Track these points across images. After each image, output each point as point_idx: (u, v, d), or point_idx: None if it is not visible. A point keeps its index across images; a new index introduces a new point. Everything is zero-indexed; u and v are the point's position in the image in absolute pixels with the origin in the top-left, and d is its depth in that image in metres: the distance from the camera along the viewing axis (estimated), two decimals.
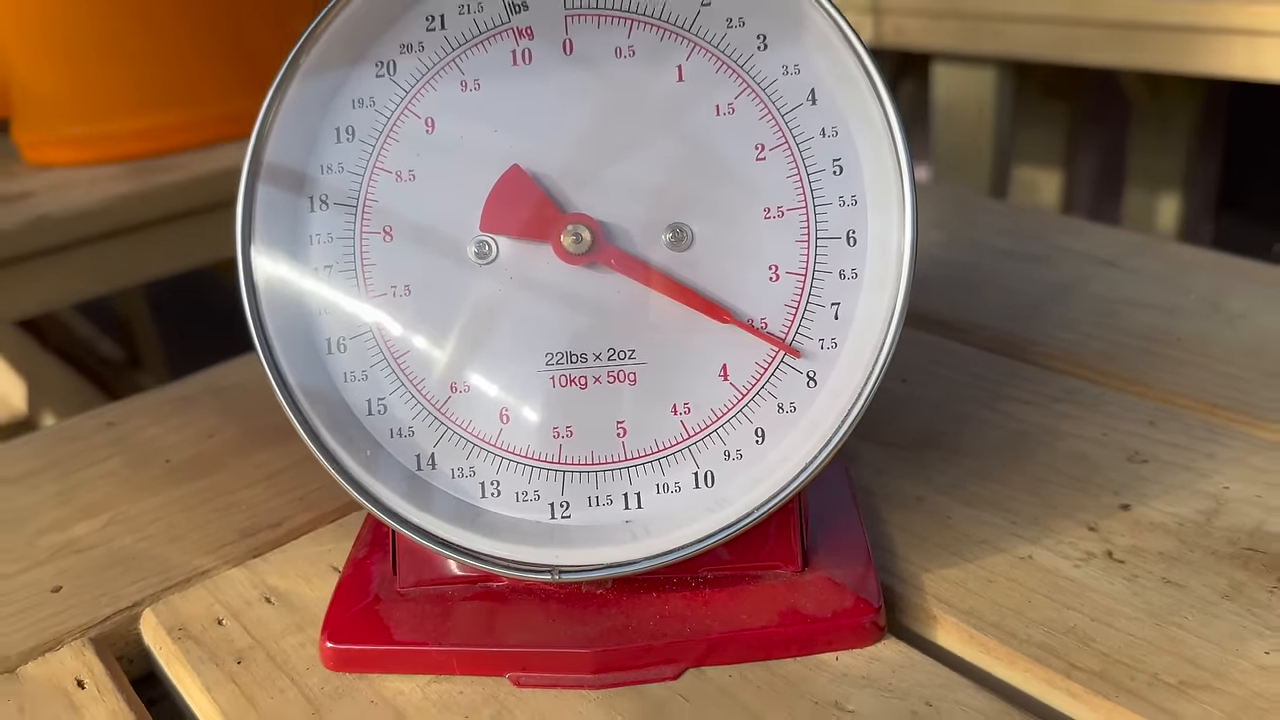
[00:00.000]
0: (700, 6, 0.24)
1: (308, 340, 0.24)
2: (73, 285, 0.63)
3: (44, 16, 0.66)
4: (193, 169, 0.66)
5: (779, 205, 0.24)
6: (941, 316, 0.38)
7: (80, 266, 0.62)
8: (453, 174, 0.24)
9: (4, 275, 0.61)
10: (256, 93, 0.69)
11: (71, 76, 0.68)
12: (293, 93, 0.24)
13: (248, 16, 0.71)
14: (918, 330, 0.37)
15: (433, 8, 0.24)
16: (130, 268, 0.64)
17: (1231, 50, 0.85)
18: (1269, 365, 0.33)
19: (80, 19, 0.66)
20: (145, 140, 0.69)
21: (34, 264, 0.61)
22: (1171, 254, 0.41)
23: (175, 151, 0.70)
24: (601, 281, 0.24)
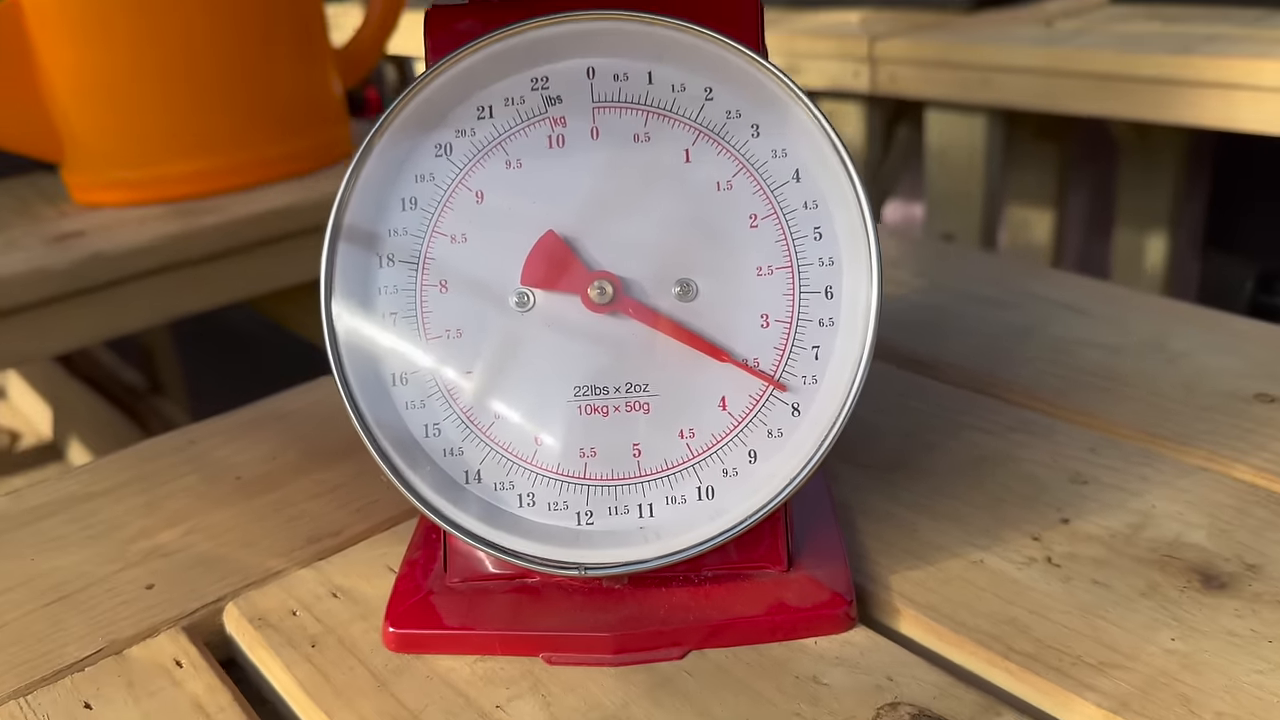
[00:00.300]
0: (704, 101, 0.29)
1: (376, 375, 0.29)
2: (121, 319, 0.68)
3: (96, 72, 0.72)
4: (231, 211, 0.71)
5: (769, 264, 0.29)
6: (916, 354, 0.42)
7: (129, 301, 0.67)
8: (498, 237, 0.29)
9: (58, 309, 0.66)
10: (286, 140, 0.76)
11: (119, 125, 0.73)
12: (368, 168, 0.29)
13: (279, 73, 0.77)
14: (894, 366, 0.42)
15: (483, 100, 0.29)
16: (175, 303, 0.69)
17: (1205, 102, 0.90)
18: (1201, 400, 0.38)
19: (128, 74, 0.72)
20: (187, 183, 0.74)
21: (86, 298, 0.66)
22: (1122, 298, 0.46)
23: (214, 194, 0.75)
24: (621, 327, 0.29)
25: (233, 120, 0.74)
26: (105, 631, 0.30)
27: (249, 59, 0.74)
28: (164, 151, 0.73)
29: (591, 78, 0.29)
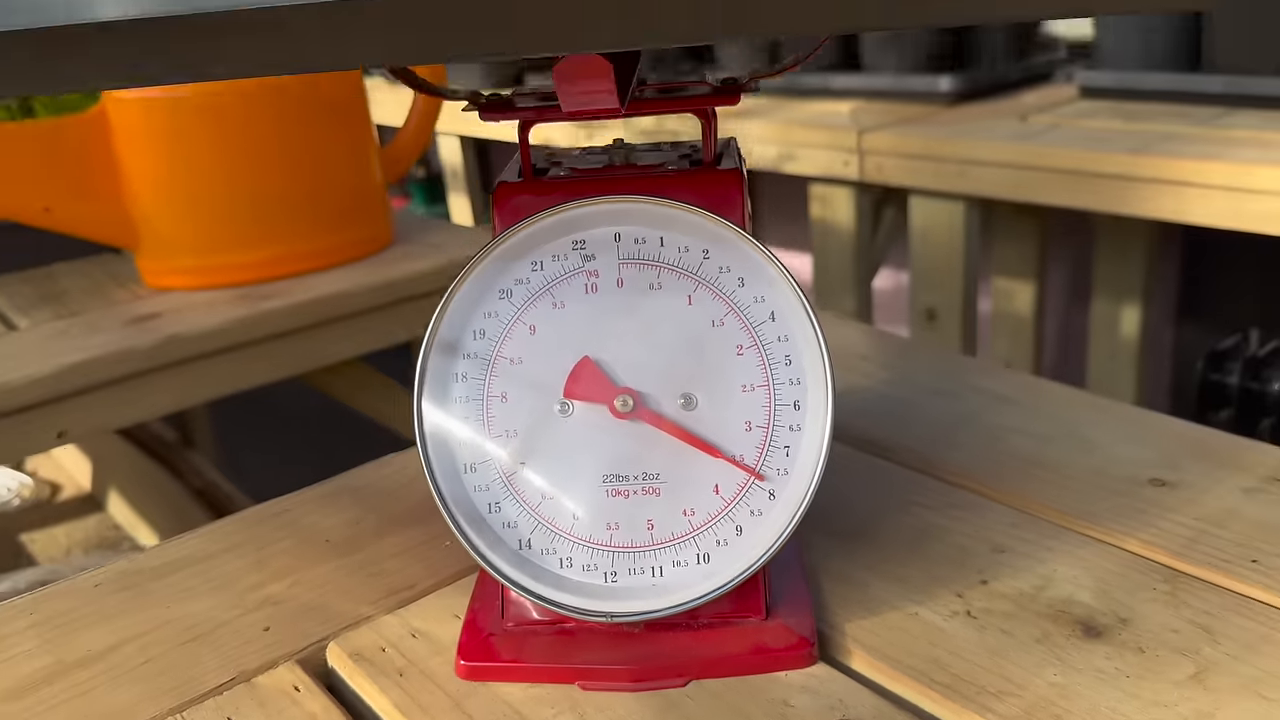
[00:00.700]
0: (702, 260, 0.38)
1: (452, 462, 0.38)
2: (193, 393, 0.77)
3: (172, 173, 0.82)
4: (290, 295, 0.81)
5: (751, 383, 0.38)
6: (876, 439, 0.51)
7: (200, 377, 0.77)
8: (546, 360, 0.38)
9: (138, 384, 0.75)
10: (337, 231, 0.87)
11: (191, 219, 0.83)
12: (451, 306, 0.38)
13: (333, 174, 0.87)
14: (857, 450, 0.51)
15: (536, 256, 0.38)
16: (240, 378, 0.78)
17: (1159, 198, 1.00)
18: (1105, 483, 0.46)
19: (201, 176, 0.82)
20: (249, 270, 0.84)
21: (163, 374, 0.76)
22: (1048, 391, 0.55)
23: (274, 280, 0.85)
24: (639, 429, 0.38)
25: (291, 215, 0.84)
26: (235, 664, 0.39)
27: (307, 163, 0.84)
28: (229, 242, 0.83)
29: (618, 241, 0.38)
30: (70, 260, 0.97)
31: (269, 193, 0.83)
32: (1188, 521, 0.43)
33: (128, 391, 0.74)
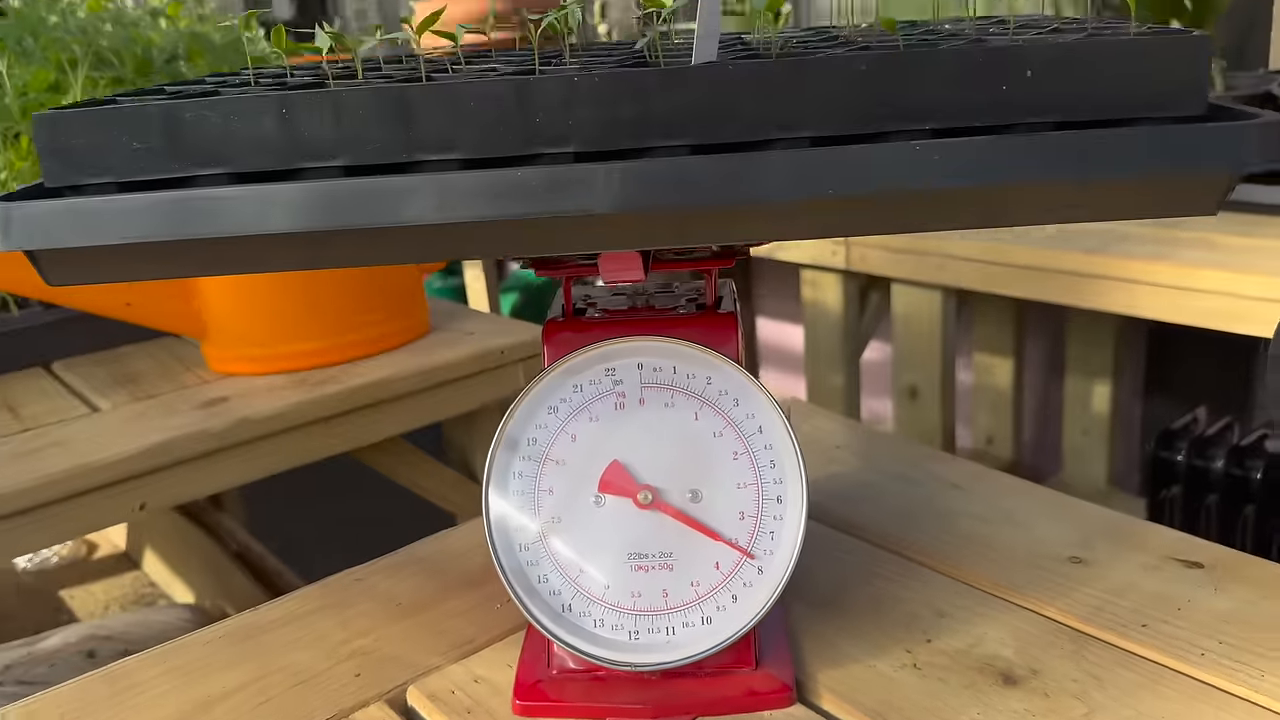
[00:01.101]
0: (706, 384, 0.49)
1: (509, 541, 0.49)
2: (257, 468, 0.88)
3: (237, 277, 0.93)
4: (342, 381, 0.92)
5: (744, 481, 0.49)
6: (848, 519, 0.62)
7: (264, 455, 0.87)
8: (584, 463, 0.49)
9: (211, 461, 0.86)
10: (382, 323, 0.99)
11: (253, 314, 0.94)
12: (514, 418, 0.49)
13: (376, 272, 0.98)
14: (832, 529, 0.61)
15: (577, 381, 0.49)
16: (297, 455, 0.89)
17: (1113, 294, 1.12)
18: (1033, 560, 0.57)
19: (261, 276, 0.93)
20: (305, 358, 0.95)
21: (232, 452, 0.86)
22: (991, 478, 0.65)
23: (325, 366, 0.96)
24: (657, 517, 0.49)
25: (341, 309, 0.96)
26: (335, 704, 0.49)
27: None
28: (287, 333, 0.95)
29: (640, 370, 0.49)
30: (136, 343, 1.08)
31: (322, 290, 0.94)
32: (1095, 593, 0.53)
33: (202, 468, 0.85)
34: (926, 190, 0.37)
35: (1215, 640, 0.49)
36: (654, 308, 0.52)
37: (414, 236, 0.40)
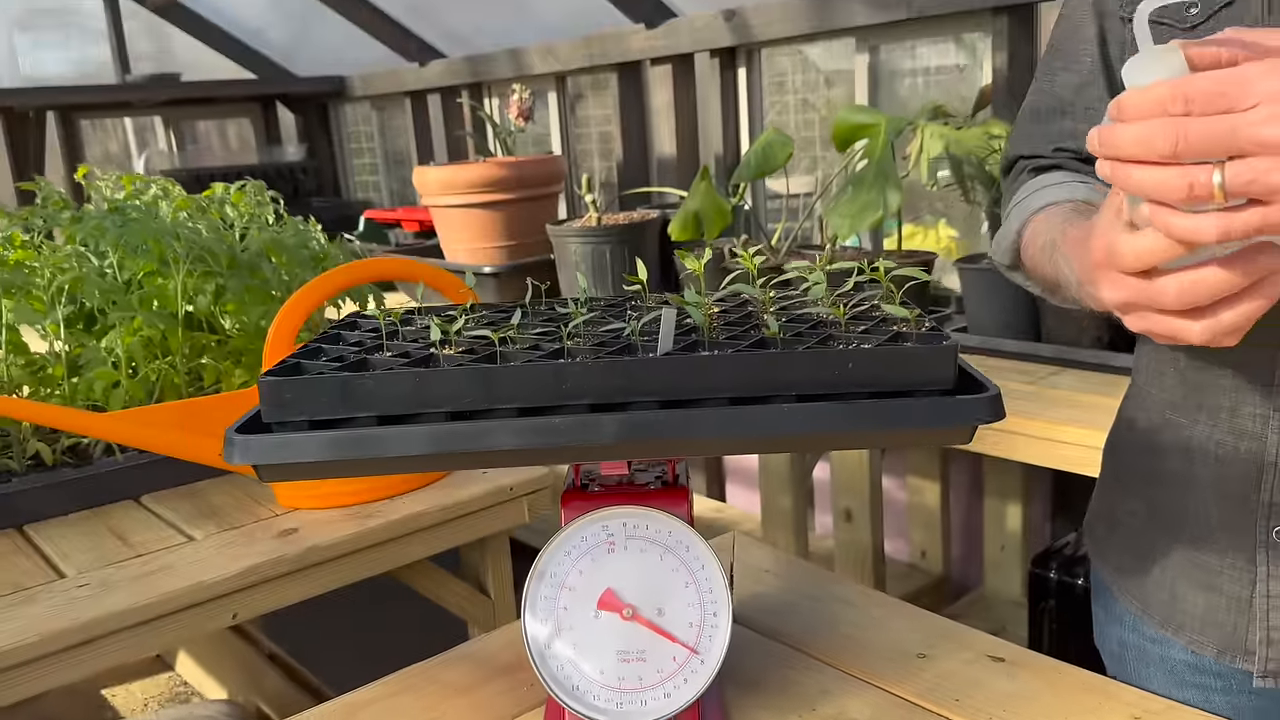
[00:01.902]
0: (668, 536, 0.75)
1: (538, 642, 0.74)
2: (321, 585, 1.12)
3: None
4: (385, 515, 1.17)
5: (691, 602, 0.74)
6: (770, 627, 0.87)
7: (327, 574, 1.12)
8: (587, 589, 0.75)
9: (287, 580, 1.10)
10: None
11: None
12: (542, 560, 0.75)
13: None
14: (757, 634, 0.87)
15: (583, 534, 0.76)
16: (352, 574, 1.13)
17: (999, 441, 1.40)
18: (892, 655, 0.83)
19: None
20: (355, 496, 1.20)
21: (303, 573, 1.11)
22: (871, 596, 0.91)
23: (370, 502, 1.21)
24: (636, 626, 0.74)
25: None
26: None
27: None
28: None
29: (625, 526, 0.75)
30: (209, 479, 1.33)
31: None
32: (929, 677, 0.79)
33: (281, 585, 1.09)
34: (792, 434, 0.64)
35: (1002, 710, 0.75)
36: (634, 483, 0.79)
37: (494, 457, 0.66)
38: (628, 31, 2.55)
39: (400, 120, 3.74)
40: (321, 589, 1.12)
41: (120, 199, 1.60)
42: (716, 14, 2.34)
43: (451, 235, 2.52)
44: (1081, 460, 1.30)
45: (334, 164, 4.08)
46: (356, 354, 0.72)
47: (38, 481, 1.23)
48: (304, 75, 3.94)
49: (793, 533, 1.80)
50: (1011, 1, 1.79)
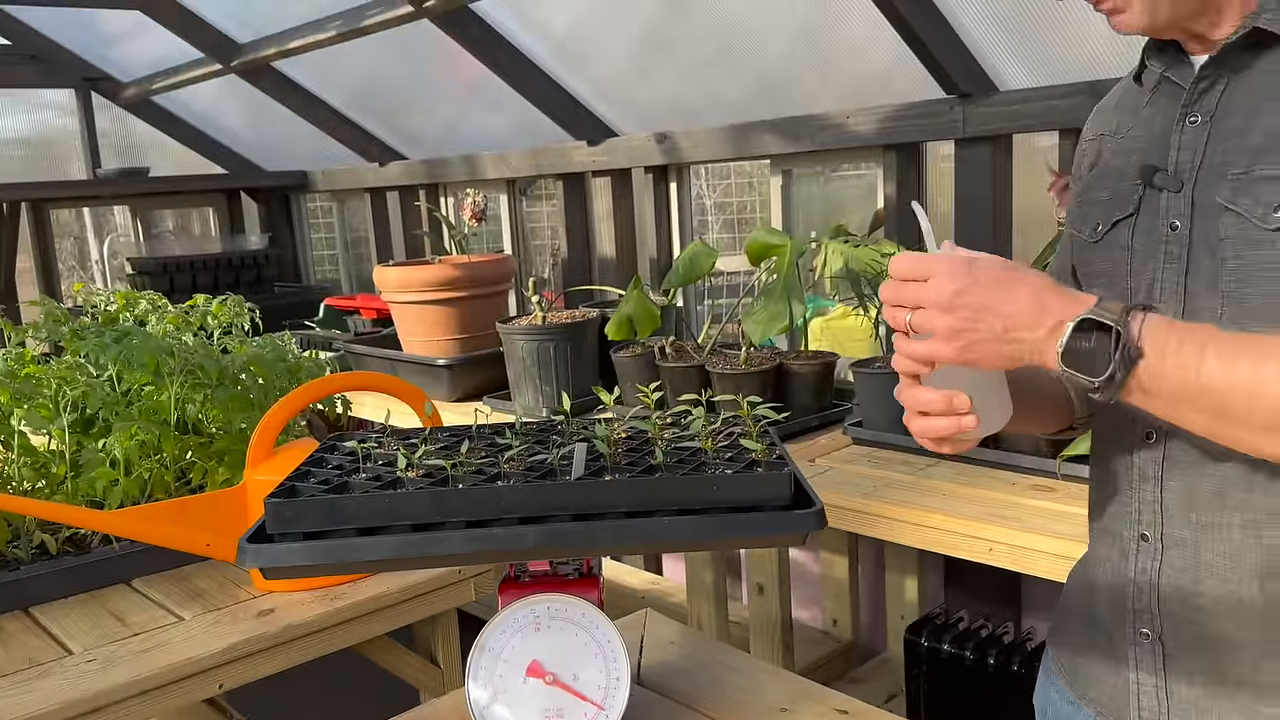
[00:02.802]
0: (581, 616, 0.97)
1: (479, 705, 0.94)
2: (294, 658, 1.31)
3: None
4: (349, 597, 1.36)
5: (600, 670, 0.95)
6: (671, 688, 1.08)
7: (301, 649, 1.31)
8: (517, 661, 0.95)
9: (266, 654, 1.28)
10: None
11: None
12: (484, 637, 0.95)
13: None
14: (656, 693, 1.08)
15: (515, 615, 0.96)
16: (321, 648, 1.32)
17: (878, 526, 1.63)
18: (760, 710, 1.04)
19: None
20: (321, 581, 1.39)
21: (280, 648, 1.30)
22: (750, 662, 1.13)
23: (337, 585, 1.40)
24: (557, 690, 0.95)
25: None
26: None
27: None
28: None
29: (548, 609, 0.96)
30: (193, 564, 1.51)
31: None
32: None
33: (261, 659, 1.27)
34: (670, 540, 0.87)
35: None
36: (556, 574, 1.00)
37: (447, 559, 0.88)
38: (571, 147, 2.82)
39: (360, 211, 3.97)
40: (296, 661, 1.31)
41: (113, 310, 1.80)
42: (650, 136, 2.62)
43: (408, 328, 2.73)
44: (946, 543, 1.54)
45: (295, 251, 4.29)
46: (339, 477, 0.94)
47: (43, 569, 1.40)
48: (269, 169, 4.17)
49: (714, 604, 2.00)
50: (898, 141, 2.08)
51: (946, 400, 0.86)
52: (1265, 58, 0.85)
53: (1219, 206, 0.84)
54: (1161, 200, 0.89)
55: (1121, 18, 0.88)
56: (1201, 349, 0.76)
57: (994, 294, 0.80)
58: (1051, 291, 0.80)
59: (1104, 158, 0.98)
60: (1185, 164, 0.88)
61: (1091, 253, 0.97)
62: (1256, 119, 0.84)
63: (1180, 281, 0.87)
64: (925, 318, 0.82)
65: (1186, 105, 0.89)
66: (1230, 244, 0.83)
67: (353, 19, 2.68)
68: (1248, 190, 0.83)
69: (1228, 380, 0.75)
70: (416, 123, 3.36)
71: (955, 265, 0.82)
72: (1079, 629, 1.02)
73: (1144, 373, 0.77)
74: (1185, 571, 0.89)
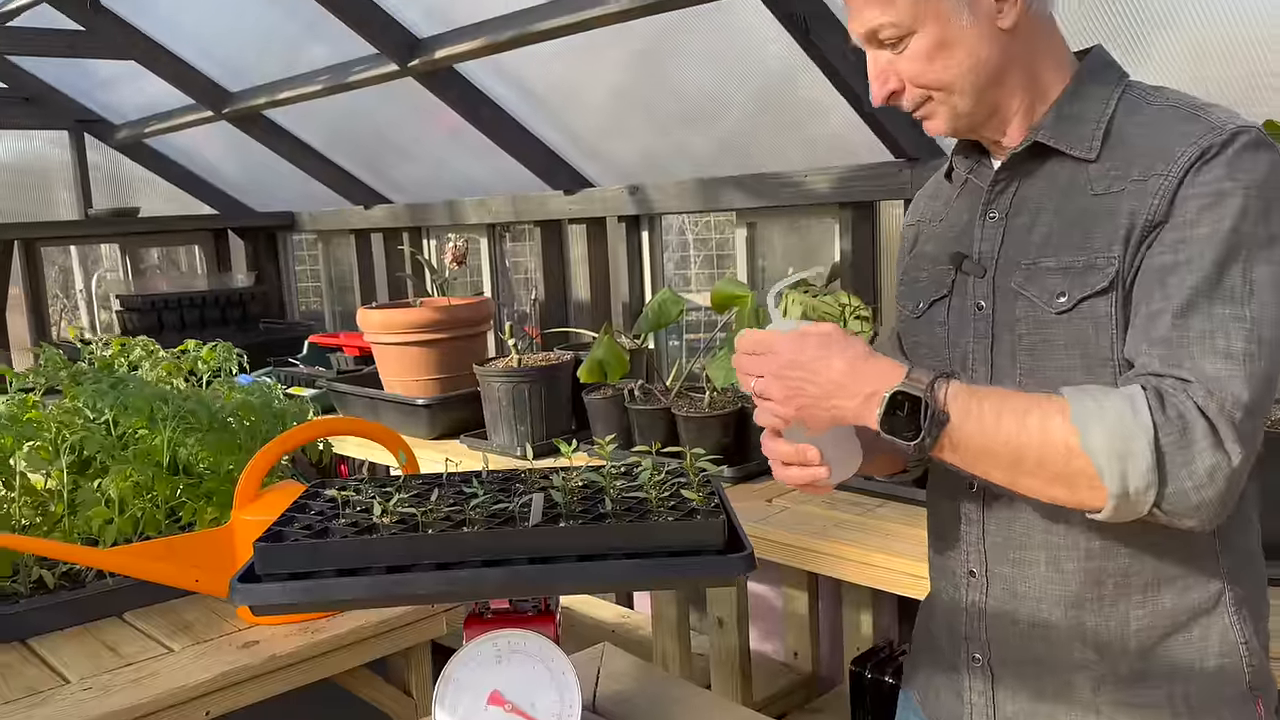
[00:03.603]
0: (539, 649, 1.07)
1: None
2: (277, 687, 1.40)
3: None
4: (330, 629, 1.46)
5: (555, 699, 1.06)
6: (623, 717, 1.19)
7: (285, 678, 1.40)
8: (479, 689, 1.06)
9: (251, 683, 1.38)
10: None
11: None
12: (450, 669, 1.06)
13: None
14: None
15: (479, 648, 1.07)
16: (301, 678, 1.42)
17: (828, 564, 1.74)
18: None
19: None
20: (301, 615, 1.49)
21: (265, 677, 1.39)
22: (698, 694, 1.23)
23: (318, 619, 1.50)
24: (515, 716, 1.05)
25: None
26: None
27: None
28: None
29: (509, 642, 1.07)
30: (181, 598, 1.60)
31: None
32: None
33: (246, 688, 1.37)
34: (618, 580, 0.98)
35: None
36: (517, 610, 1.11)
37: (417, 598, 0.98)
38: (549, 196, 2.95)
39: (345, 250, 4.09)
40: (278, 690, 1.40)
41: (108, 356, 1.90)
42: (623, 188, 2.75)
43: (389, 368, 2.84)
44: (887, 580, 1.65)
45: (281, 289, 4.39)
46: (320, 523, 1.04)
47: (40, 603, 1.50)
48: (257, 209, 4.28)
49: (677, 638, 2.10)
50: (853, 200, 2.21)
51: (799, 453, 1.00)
52: (1046, 165, 1.00)
53: (1014, 292, 0.99)
54: (970, 283, 1.04)
55: (929, 124, 1.03)
56: (998, 412, 0.90)
57: (814, 365, 0.94)
58: (866, 361, 0.94)
59: (921, 243, 1.14)
60: (987, 253, 1.03)
61: (915, 327, 1.11)
62: (1039, 217, 0.99)
63: (987, 354, 1.02)
64: (764, 385, 0.97)
65: (986, 203, 1.03)
66: (1024, 323, 0.98)
67: (340, 74, 2.81)
68: (1035, 279, 0.97)
69: (1019, 437, 0.88)
70: (401, 168, 3.48)
71: (787, 340, 0.96)
72: (926, 655, 1.16)
73: (951, 434, 0.90)
74: (1006, 602, 1.03)
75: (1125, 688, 0.98)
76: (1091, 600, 0.98)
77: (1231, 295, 0.87)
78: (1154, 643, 0.97)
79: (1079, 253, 0.95)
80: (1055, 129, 0.98)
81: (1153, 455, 0.84)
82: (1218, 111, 0.94)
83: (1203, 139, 0.90)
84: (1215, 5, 1.66)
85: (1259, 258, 0.88)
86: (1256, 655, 0.98)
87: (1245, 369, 0.85)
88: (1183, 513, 0.86)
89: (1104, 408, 0.86)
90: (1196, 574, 0.96)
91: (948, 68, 0.97)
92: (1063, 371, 0.95)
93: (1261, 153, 0.90)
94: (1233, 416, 0.84)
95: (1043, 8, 0.99)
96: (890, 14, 0.96)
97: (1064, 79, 1.01)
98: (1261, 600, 1.01)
